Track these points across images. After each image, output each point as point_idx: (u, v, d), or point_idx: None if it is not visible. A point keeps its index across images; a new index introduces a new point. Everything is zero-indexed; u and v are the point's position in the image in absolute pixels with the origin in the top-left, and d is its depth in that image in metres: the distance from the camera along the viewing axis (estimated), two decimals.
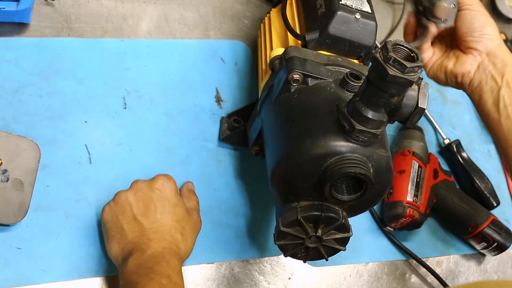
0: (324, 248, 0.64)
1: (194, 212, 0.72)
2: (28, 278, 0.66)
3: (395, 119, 0.62)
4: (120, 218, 0.66)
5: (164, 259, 0.63)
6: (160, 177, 0.71)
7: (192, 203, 0.73)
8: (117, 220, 0.66)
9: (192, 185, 0.77)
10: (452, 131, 1.02)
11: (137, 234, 0.65)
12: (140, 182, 0.70)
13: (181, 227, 0.68)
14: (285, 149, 0.63)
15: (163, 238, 0.65)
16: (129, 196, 0.68)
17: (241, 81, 0.89)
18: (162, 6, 0.89)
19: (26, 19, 0.76)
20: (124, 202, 0.67)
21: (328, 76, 0.66)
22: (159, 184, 0.70)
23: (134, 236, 0.65)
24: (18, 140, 0.69)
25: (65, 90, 0.77)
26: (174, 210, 0.68)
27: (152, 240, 0.64)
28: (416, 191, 0.86)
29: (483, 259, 0.95)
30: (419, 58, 0.53)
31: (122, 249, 0.65)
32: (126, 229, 0.65)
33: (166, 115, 0.82)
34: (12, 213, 0.66)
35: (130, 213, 0.66)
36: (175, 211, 0.68)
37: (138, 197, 0.68)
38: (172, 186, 0.71)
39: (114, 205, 0.68)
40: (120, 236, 0.66)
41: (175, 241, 0.66)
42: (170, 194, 0.70)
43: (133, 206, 0.67)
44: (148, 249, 0.63)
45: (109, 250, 0.67)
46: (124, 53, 0.83)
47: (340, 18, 0.68)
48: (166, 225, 0.66)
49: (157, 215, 0.67)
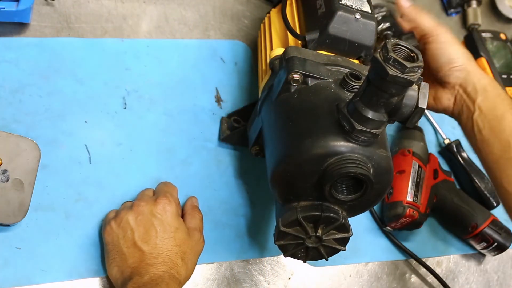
0: (324, 248, 0.64)
1: (196, 232, 0.71)
2: (28, 278, 0.66)
3: (395, 119, 0.62)
4: (121, 242, 0.66)
5: (163, 282, 0.63)
6: (161, 199, 0.70)
7: (194, 222, 0.73)
8: (118, 243, 0.66)
9: (196, 200, 0.77)
10: (452, 131, 1.02)
11: (137, 259, 0.65)
12: (142, 204, 0.69)
13: (181, 252, 0.67)
14: (285, 149, 0.63)
15: (163, 263, 0.65)
16: (131, 219, 0.67)
17: (241, 81, 0.89)
18: (162, 6, 0.89)
19: (26, 19, 0.76)
20: (125, 226, 0.67)
21: (328, 76, 0.66)
22: (160, 209, 0.69)
23: (134, 261, 0.65)
24: (18, 140, 0.69)
25: (65, 90, 0.77)
26: (175, 235, 0.68)
27: (152, 265, 0.64)
28: (416, 191, 0.86)
29: (483, 259, 0.95)
30: (419, 58, 0.53)
31: (121, 272, 0.65)
32: (126, 253, 0.66)
33: (166, 115, 0.82)
34: (12, 213, 0.66)
35: (131, 237, 0.66)
36: (175, 236, 0.68)
37: (139, 221, 0.67)
38: (173, 210, 0.70)
39: (115, 227, 0.67)
40: (120, 259, 0.66)
41: (175, 266, 0.66)
42: (171, 218, 0.69)
43: (134, 230, 0.67)
44: (147, 274, 0.64)
45: (109, 272, 0.67)
46: (124, 53, 0.83)
47: (340, 18, 0.68)
48: (167, 250, 0.66)
49: (158, 240, 0.66)
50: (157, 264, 0.65)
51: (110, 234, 0.68)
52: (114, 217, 0.69)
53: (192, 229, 0.71)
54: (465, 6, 1.14)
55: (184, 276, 0.67)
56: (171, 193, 0.72)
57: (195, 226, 0.72)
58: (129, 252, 0.66)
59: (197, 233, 0.72)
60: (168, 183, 0.75)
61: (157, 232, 0.67)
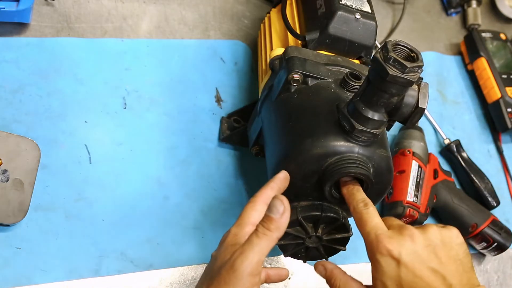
0: (324, 248, 0.64)
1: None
2: (28, 278, 0.66)
3: (395, 119, 0.62)
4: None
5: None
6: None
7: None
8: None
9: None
10: (452, 131, 1.02)
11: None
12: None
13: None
14: (285, 149, 0.63)
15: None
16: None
17: (241, 81, 0.89)
18: (162, 6, 0.89)
19: (26, 19, 0.76)
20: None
21: (328, 76, 0.66)
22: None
23: None
24: (18, 140, 0.69)
25: (65, 90, 0.77)
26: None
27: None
28: (416, 191, 0.86)
29: (483, 259, 0.95)
30: (419, 58, 0.53)
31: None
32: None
33: (166, 115, 0.82)
34: (12, 213, 0.66)
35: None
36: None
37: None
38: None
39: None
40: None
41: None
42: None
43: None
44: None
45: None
46: (124, 53, 0.83)
47: (340, 18, 0.68)
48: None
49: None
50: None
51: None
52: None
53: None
54: (465, 6, 1.14)
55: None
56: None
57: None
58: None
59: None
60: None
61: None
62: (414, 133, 0.92)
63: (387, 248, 0.54)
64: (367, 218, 0.57)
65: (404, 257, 0.54)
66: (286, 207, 0.55)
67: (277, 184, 0.60)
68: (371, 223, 0.56)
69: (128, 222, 0.73)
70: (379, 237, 0.55)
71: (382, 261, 0.55)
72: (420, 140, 0.92)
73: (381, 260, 0.55)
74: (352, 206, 0.59)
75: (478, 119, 1.06)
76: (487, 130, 1.06)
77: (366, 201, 0.59)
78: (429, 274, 0.54)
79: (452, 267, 0.55)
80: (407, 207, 0.84)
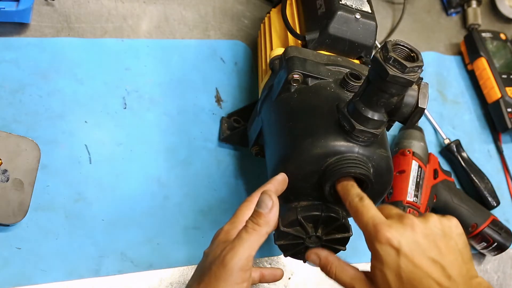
0: (324, 248, 0.64)
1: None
2: (28, 278, 0.66)
3: (395, 119, 0.62)
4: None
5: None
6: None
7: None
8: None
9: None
10: (452, 131, 1.02)
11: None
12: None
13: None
14: (285, 149, 0.63)
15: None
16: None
17: (241, 81, 0.89)
18: (162, 6, 0.89)
19: (26, 19, 0.76)
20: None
21: (328, 76, 0.66)
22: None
23: None
24: (18, 140, 0.69)
25: (65, 90, 0.77)
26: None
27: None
28: (416, 191, 0.86)
29: (483, 259, 0.95)
30: (419, 58, 0.53)
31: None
32: None
33: (166, 115, 0.82)
34: (12, 213, 0.66)
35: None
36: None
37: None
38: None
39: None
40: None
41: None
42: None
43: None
44: None
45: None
46: (124, 53, 0.83)
47: (340, 18, 0.68)
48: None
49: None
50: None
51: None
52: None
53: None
54: (465, 6, 1.14)
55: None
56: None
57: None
58: None
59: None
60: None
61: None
62: (414, 133, 0.92)
63: (387, 237, 0.53)
64: (363, 210, 0.56)
65: (404, 246, 0.53)
66: (275, 202, 0.55)
67: (274, 185, 0.60)
68: (368, 214, 0.55)
69: (128, 222, 0.73)
70: (377, 226, 0.54)
71: (381, 250, 0.53)
72: (420, 140, 0.92)
73: (380, 249, 0.54)
74: (347, 201, 0.58)
75: (478, 119, 1.06)
76: (487, 130, 1.06)
77: (361, 195, 0.58)
78: (429, 264, 0.53)
79: (452, 258, 0.54)
80: (407, 207, 0.84)
